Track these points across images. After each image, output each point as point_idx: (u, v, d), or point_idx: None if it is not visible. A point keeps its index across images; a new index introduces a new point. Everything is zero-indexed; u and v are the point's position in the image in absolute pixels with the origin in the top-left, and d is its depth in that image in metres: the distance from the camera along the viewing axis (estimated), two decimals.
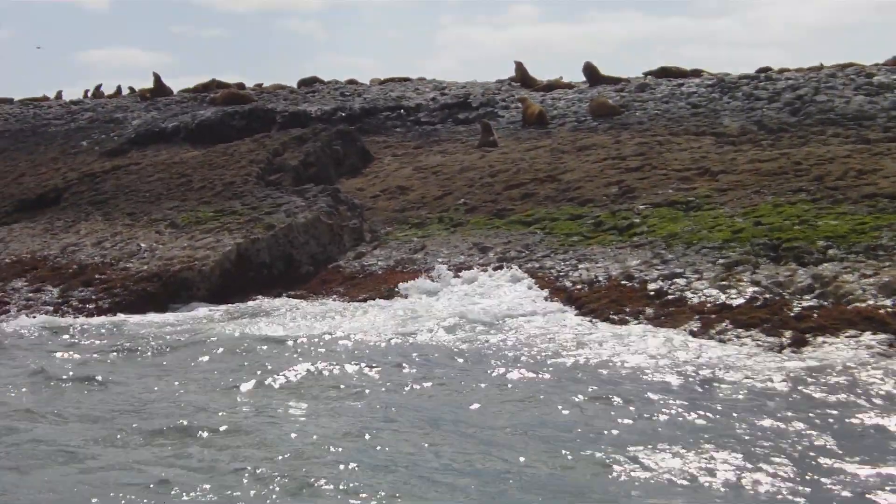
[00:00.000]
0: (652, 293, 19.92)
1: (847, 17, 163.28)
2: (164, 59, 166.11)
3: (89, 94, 53.40)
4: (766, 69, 39.88)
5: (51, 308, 23.63)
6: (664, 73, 40.97)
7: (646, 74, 41.84)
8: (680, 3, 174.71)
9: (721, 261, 20.56)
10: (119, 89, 52.98)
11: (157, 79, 47.16)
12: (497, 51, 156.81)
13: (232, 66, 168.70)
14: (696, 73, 40.92)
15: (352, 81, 47.13)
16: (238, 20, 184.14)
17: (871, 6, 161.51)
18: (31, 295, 24.67)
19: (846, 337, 17.10)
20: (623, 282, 20.68)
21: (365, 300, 22.54)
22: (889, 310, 17.84)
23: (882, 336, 16.90)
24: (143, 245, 26.19)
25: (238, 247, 24.90)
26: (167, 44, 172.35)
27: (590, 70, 39.97)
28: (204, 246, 25.22)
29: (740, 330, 17.84)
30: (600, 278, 21.04)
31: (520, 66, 42.50)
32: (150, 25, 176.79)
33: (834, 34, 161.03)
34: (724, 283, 19.69)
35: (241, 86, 47.25)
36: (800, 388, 14.83)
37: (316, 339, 18.84)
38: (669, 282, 20.15)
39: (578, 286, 20.96)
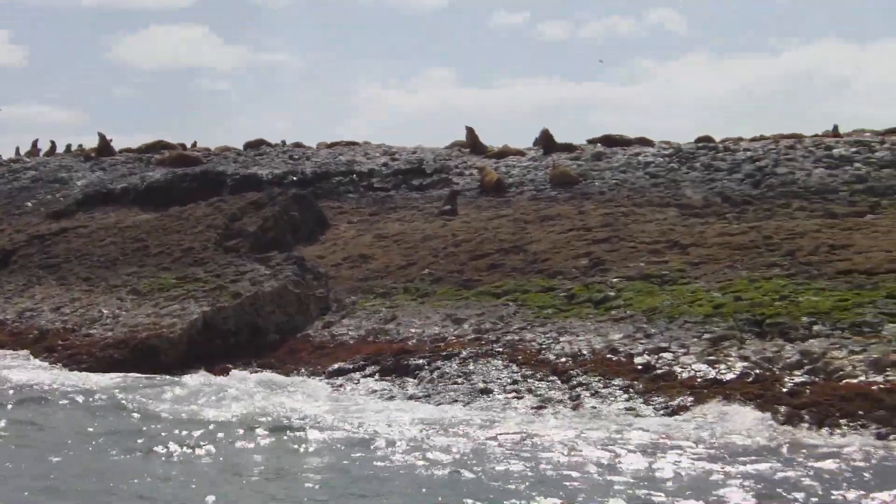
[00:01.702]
0: (640, 367, 19.70)
1: (757, 89, 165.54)
2: (77, 116, 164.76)
3: (21, 153, 52.53)
4: (707, 138, 40.01)
5: None
6: (609, 140, 40.97)
7: (590, 142, 41.83)
8: (592, 71, 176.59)
9: (706, 336, 20.38)
10: (53, 146, 52.21)
11: (102, 138, 46.55)
12: (411, 114, 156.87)
13: (145, 125, 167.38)
14: (642, 140, 40.97)
15: (298, 145, 46.82)
16: (151, 78, 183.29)
17: (780, 79, 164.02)
18: None
19: None
20: (608, 355, 20.43)
21: (338, 370, 22.20)
22: (881, 386, 17.75)
23: None
24: (105, 311, 25.68)
25: (205, 315, 24.46)
26: (79, 101, 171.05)
27: (545, 137, 39.86)
28: (170, 313, 24.73)
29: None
30: (584, 351, 20.78)
31: (471, 132, 42.35)
32: (63, 82, 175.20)
33: (743, 105, 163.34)
34: (711, 357, 19.52)
35: (183, 146, 46.82)
36: None
37: None
38: (656, 356, 19.95)
39: (563, 359, 20.65)
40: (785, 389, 18.10)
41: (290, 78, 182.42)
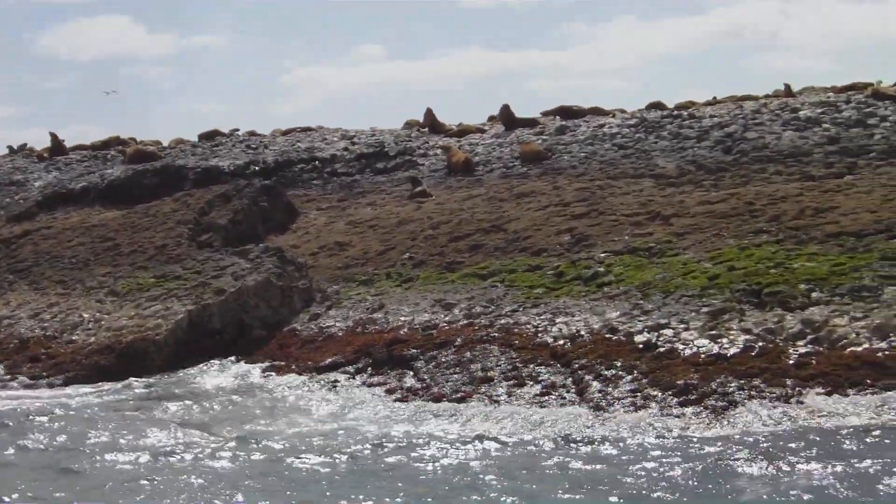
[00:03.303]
0: (641, 346, 19.47)
1: (689, 48, 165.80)
2: (10, 111, 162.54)
3: None
4: (658, 104, 39.86)
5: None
6: (565, 112, 40.72)
7: (544, 114, 41.60)
8: (524, 37, 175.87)
9: (704, 309, 20.21)
10: None
11: (55, 137, 45.78)
12: (346, 91, 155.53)
13: (80, 116, 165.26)
14: (596, 110, 40.77)
15: (253, 133, 46.18)
16: (83, 69, 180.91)
17: (716, 35, 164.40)
18: None
19: None
20: (607, 335, 20.20)
21: (331, 364, 21.88)
22: (886, 353, 17.68)
23: None
24: (85, 315, 25.24)
25: (190, 314, 24.11)
26: (8, 96, 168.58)
27: (505, 113, 39.55)
28: (153, 314, 24.34)
29: None
30: (582, 332, 20.54)
31: (429, 112, 42.00)
32: None
33: (680, 63, 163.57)
34: (713, 332, 19.34)
35: (135, 140, 46.08)
36: None
37: None
38: (656, 333, 19.74)
39: (560, 342, 20.41)
40: (791, 361, 17.98)
41: (221, 62, 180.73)
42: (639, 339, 19.73)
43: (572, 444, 16.00)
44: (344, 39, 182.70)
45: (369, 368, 21.48)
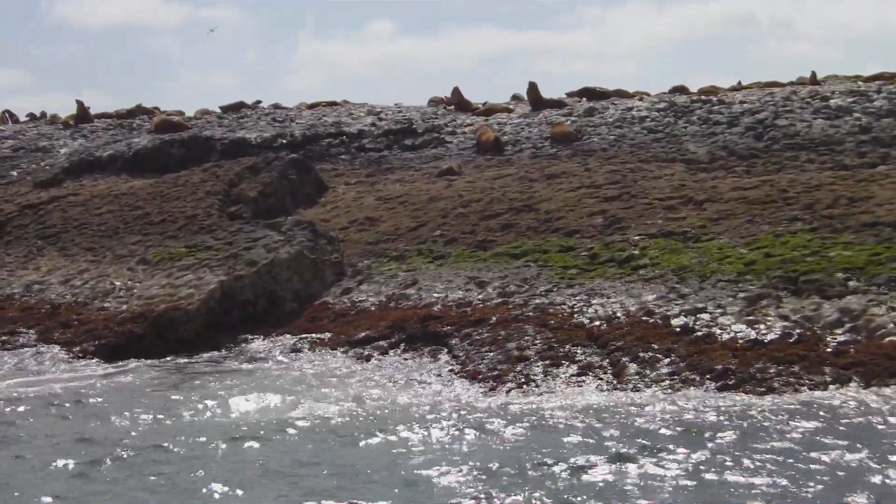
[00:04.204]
0: (678, 329, 19.47)
1: (699, 30, 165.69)
2: (21, 77, 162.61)
3: None
4: (681, 88, 39.90)
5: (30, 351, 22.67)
6: (588, 93, 40.86)
7: (568, 95, 41.72)
8: (535, 17, 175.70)
9: (741, 295, 20.22)
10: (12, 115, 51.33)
11: (81, 105, 45.84)
12: (356, 67, 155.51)
13: (90, 84, 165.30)
14: (620, 92, 40.84)
15: (277, 106, 46.23)
16: (94, 37, 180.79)
17: (720, 20, 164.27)
18: (6, 338, 23.63)
19: None
20: (644, 317, 20.20)
21: (364, 339, 21.92)
22: None
23: None
24: (117, 283, 25.27)
25: (222, 284, 24.09)
26: (20, 61, 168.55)
27: (533, 93, 39.54)
28: (185, 284, 24.35)
29: None
30: (619, 314, 20.55)
31: (456, 91, 42.00)
32: (2, 42, 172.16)
33: (687, 47, 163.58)
34: (750, 317, 19.35)
35: (157, 110, 46.09)
36: None
37: None
38: (693, 317, 19.74)
39: (597, 323, 20.41)
40: (829, 350, 18.00)
41: (233, 34, 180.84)
42: (676, 322, 19.74)
43: None
44: (356, 15, 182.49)
45: (402, 344, 21.54)
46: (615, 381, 18.18)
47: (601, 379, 18.37)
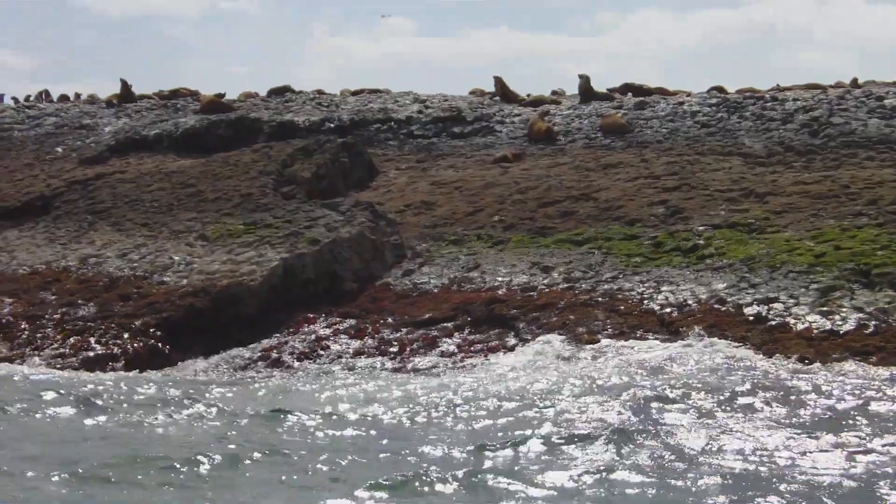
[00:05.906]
0: (751, 318, 19.45)
1: (718, 37, 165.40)
2: (36, 62, 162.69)
3: (32, 99, 51.60)
4: (719, 88, 39.70)
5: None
6: (629, 90, 40.75)
7: (610, 90, 41.57)
8: (552, 21, 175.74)
9: (814, 286, 20.20)
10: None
11: (125, 84, 45.70)
12: (372, 63, 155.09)
13: (104, 70, 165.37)
14: (661, 90, 40.68)
15: (320, 91, 46.13)
16: (111, 24, 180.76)
17: (740, 28, 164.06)
18: (64, 309, 23.60)
19: None
20: (716, 305, 20.19)
21: (428, 320, 21.87)
22: None
23: None
24: (176, 258, 25.19)
25: (284, 261, 24.03)
26: (38, 46, 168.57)
27: (584, 86, 39.39)
28: (247, 260, 24.29)
29: None
30: (689, 301, 20.53)
31: (499, 81, 41.82)
32: (21, 27, 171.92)
33: (706, 54, 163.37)
34: (824, 308, 19.37)
35: (197, 93, 45.98)
36: None
37: None
38: (766, 306, 19.74)
39: (668, 309, 20.38)
40: None
41: (249, 25, 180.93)
42: (749, 311, 19.74)
43: None
44: (374, 11, 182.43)
45: (467, 327, 21.48)
46: None
47: None
